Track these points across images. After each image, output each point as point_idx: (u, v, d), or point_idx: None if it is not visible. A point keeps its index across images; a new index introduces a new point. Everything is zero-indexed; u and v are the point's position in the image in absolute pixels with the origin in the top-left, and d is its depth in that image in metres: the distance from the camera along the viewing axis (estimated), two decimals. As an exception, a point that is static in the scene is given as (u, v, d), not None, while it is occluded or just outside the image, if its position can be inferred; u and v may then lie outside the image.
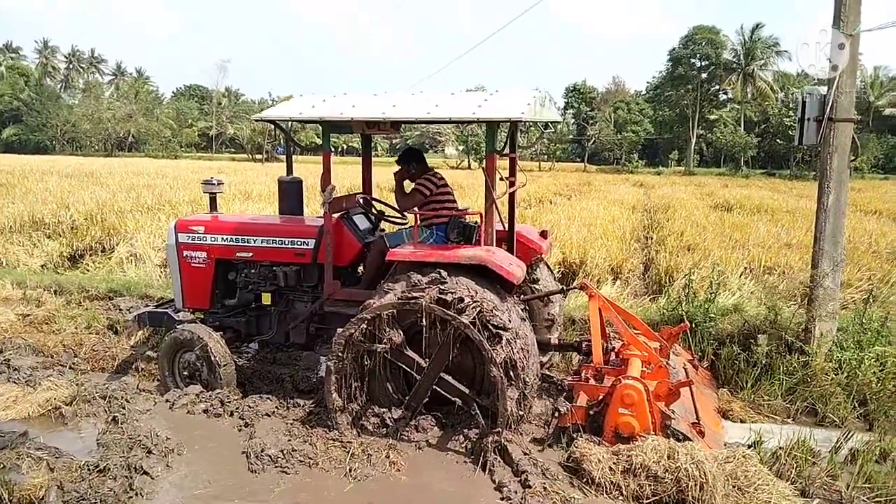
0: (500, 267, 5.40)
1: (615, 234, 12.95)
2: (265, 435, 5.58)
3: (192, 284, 6.99)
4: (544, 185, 30.51)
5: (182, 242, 6.96)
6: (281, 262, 6.59)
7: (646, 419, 5.18)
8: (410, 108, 5.78)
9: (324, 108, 5.92)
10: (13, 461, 4.85)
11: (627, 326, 6.21)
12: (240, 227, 6.86)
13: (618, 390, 5.25)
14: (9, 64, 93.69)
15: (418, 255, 5.58)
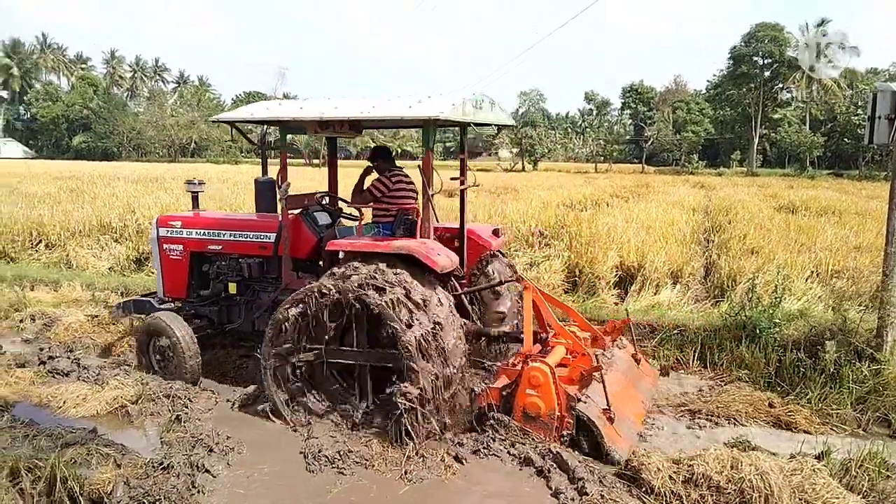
0: (426, 256, 5.66)
1: (675, 237, 12.65)
2: (322, 435, 5.65)
3: (171, 275, 7.54)
4: (600, 186, 30.09)
5: (162, 236, 7.52)
6: (247, 254, 7.03)
7: (551, 400, 5.43)
8: (349, 109, 6.01)
9: (275, 110, 6.38)
10: (83, 457, 5.01)
11: (563, 318, 6.62)
12: (211, 222, 7.36)
13: (525, 372, 5.52)
14: (79, 74, 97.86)
15: (354, 246, 5.94)
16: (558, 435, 5.48)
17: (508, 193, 23.84)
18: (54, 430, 5.59)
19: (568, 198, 22.16)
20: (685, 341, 8.06)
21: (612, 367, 6.20)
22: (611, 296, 9.82)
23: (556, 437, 5.48)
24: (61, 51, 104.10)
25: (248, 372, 7.34)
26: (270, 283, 6.97)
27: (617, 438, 5.43)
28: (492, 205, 18.12)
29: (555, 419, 5.47)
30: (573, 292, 10.04)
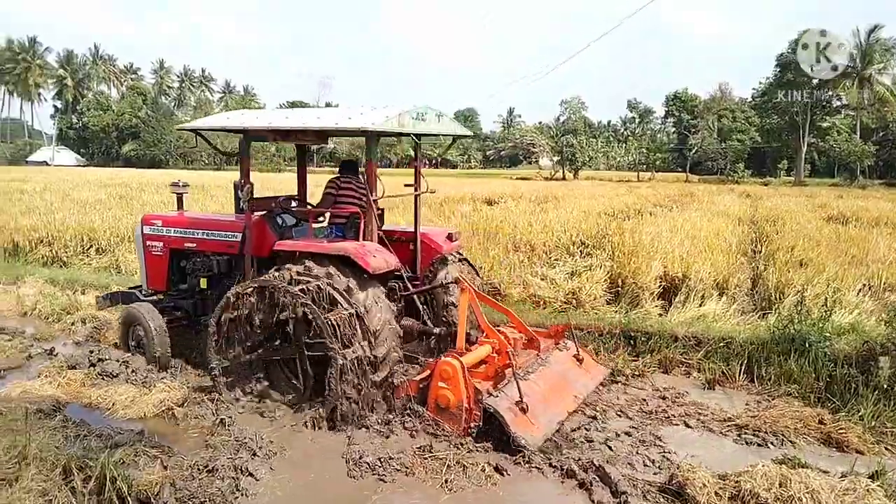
0: (360, 257, 6.09)
1: (720, 248, 12.40)
2: (363, 442, 5.68)
3: (153, 269, 8.22)
4: (643, 195, 29.74)
5: (146, 234, 8.19)
6: (217, 252, 7.57)
7: (460, 393, 5.76)
8: (297, 120, 6.52)
9: (234, 120, 6.94)
10: (131, 458, 5.13)
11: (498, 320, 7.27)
12: (187, 221, 7.92)
13: (438, 366, 5.89)
14: (129, 84, 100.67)
15: (296, 246, 6.47)
16: (466, 426, 5.77)
17: (549, 202, 23.71)
18: (104, 430, 5.75)
19: (610, 207, 21.95)
20: (731, 354, 7.89)
21: (545, 366, 6.67)
22: (654, 307, 9.66)
23: (465, 428, 5.77)
24: (112, 61, 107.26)
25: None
26: (236, 278, 7.25)
27: (528, 426, 5.69)
28: (532, 213, 18.06)
29: (463, 411, 5.76)
30: (615, 303, 9.92)
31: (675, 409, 6.77)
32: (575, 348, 7.28)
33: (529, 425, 5.72)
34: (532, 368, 6.51)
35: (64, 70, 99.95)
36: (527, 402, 5.75)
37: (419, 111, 6.62)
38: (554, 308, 9.62)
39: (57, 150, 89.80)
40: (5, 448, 4.95)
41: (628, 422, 6.43)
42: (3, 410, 6.02)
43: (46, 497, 4.41)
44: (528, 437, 5.60)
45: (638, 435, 6.10)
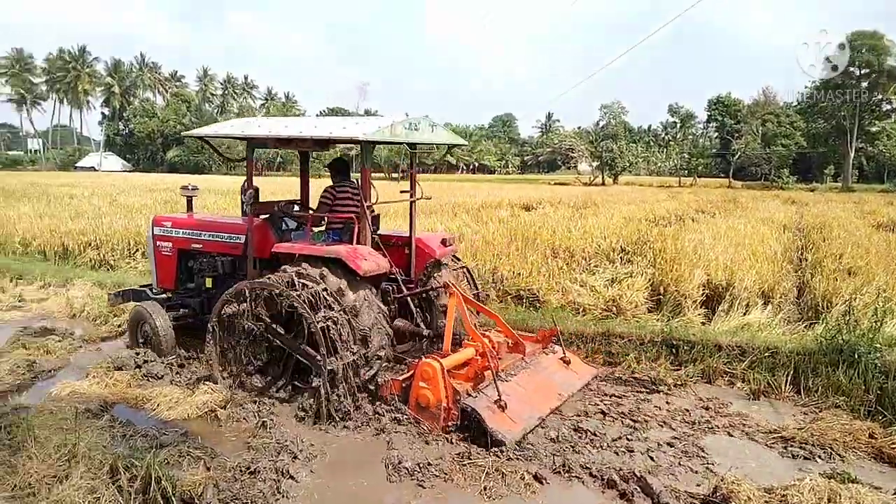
0: (352, 260, 6.38)
1: (765, 255, 12.14)
2: (402, 447, 5.70)
3: (163, 269, 8.60)
4: (685, 201, 29.32)
5: (156, 234, 8.57)
6: (221, 252, 7.90)
7: (439, 393, 5.98)
8: (294, 128, 6.90)
9: (237, 128, 7.34)
10: (175, 458, 5.22)
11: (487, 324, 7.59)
12: (195, 223, 8.28)
13: (419, 367, 6.11)
14: (173, 91, 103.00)
15: (292, 249, 6.78)
16: (445, 424, 5.97)
17: (588, 208, 23.53)
18: (149, 431, 5.86)
19: (650, 213, 21.69)
20: (777, 365, 7.70)
21: (530, 368, 6.94)
22: (697, 315, 9.50)
23: (443, 427, 5.96)
24: (157, 69, 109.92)
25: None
26: (240, 278, 7.42)
27: (505, 423, 5.87)
28: (571, 219, 17.93)
29: (442, 410, 5.97)
30: (657, 311, 9.77)
31: (719, 420, 6.64)
32: (562, 351, 7.50)
33: (507, 422, 5.91)
34: (515, 370, 6.77)
35: (112, 78, 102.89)
36: (505, 401, 5.98)
37: (412, 122, 6.90)
38: (594, 315, 9.52)
39: (104, 156, 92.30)
40: (56, 446, 5.10)
41: (670, 432, 6.33)
42: (54, 410, 6.20)
43: (95, 495, 4.51)
44: (504, 433, 5.76)
45: (680, 445, 5.99)
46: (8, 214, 18.16)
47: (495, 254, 11.87)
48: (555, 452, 5.66)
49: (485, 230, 15.16)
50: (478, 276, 10.94)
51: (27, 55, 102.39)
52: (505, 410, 5.96)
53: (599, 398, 7.12)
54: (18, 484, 4.69)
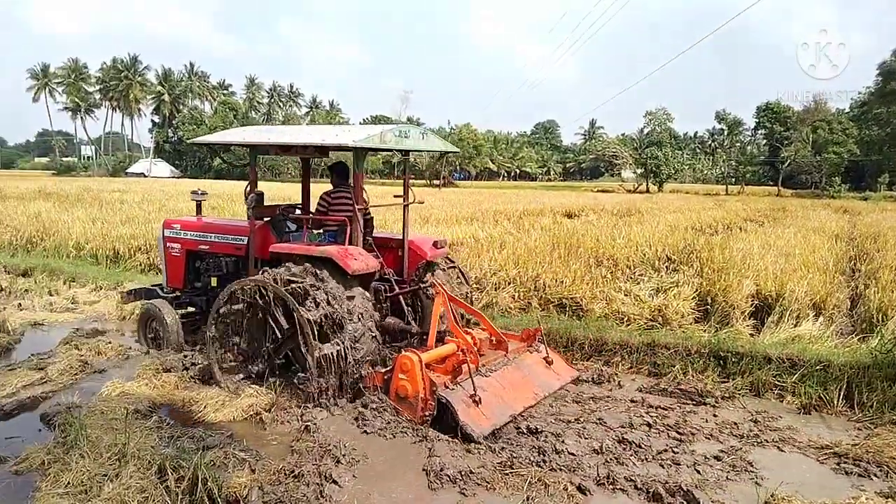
0: (342, 260, 6.75)
1: (816, 265, 11.81)
2: (444, 454, 5.68)
3: (172, 269, 9.02)
4: (732, 209, 28.73)
5: (166, 236, 9.01)
6: (226, 253, 8.33)
7: (417, 384, 6.30)
8: (289, 136, 7.53)
9: (239, 135, 8.03)
10: (221, 460, 5.29)
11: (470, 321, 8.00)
12: (202, 225, 8.73)
13: (398, 360, 6.47)
14: (221, 100, 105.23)
15: (289, 249, 7.20)
16: (422, 414, 6.26)
17: (633, 215, 23.24)
18: (196, 432, 5.96)
19: (697, 221, 21.31)
20: (829, 378, 7.46)
21: (510, 365, 7.19)
22: (745, 326, 9.27)
23: (420, 417, 6.26)
24: (206, 78, 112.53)
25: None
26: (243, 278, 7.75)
27: (478, 418, 6.15)
28: (615, 227, 17.72)
29: (419, 401, 6.28)
30: (704, 321, 9.58)
31: (768, 434, 6.46)
32: (545, 351, 7.69)
33: (479, 417, 6.19)
34: (495, 367, 7.04)
35: (162, 86, 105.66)
36: (480, 396, 6.29)
37: (402, 129, 7.31)
38: (638, 325, 9.38)
39: (154, 163, 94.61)
40: (107, 445, 5.23)
41: (718, 445, 6.17)
42: (104, 410, 6.35)
43: (144, 494, 4.60)
44: (475, 427, 6.03)
45: (728, 459, 5.84)
46: (63, 219, 18.74)
47: (538, 262, 11.79)
48: (599, 464, 5.58)
49: (527, 238, 15.09)
50: (520, 283, 10.93)
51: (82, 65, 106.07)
52: (479, 405, 6.26)
53: (645, 409, 7.00)
54: (72, 481, 4.81)
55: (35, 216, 19.53)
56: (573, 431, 6.26)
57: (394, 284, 7.77)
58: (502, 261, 12.09)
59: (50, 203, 24.72)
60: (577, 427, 6.37)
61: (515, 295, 10.67)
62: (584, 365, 8.44)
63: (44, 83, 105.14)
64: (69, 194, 30.62)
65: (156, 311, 8.56)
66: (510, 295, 10.68)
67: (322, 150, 7.48)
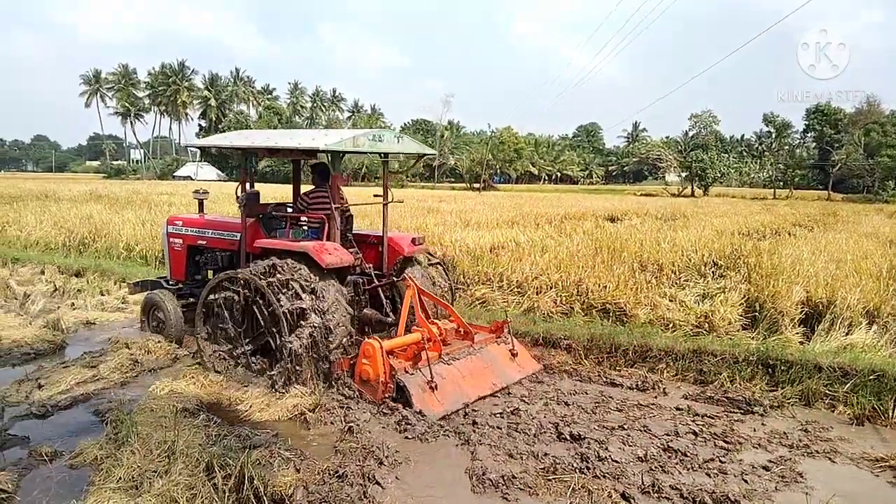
0: (316, 254, 7.19)
1: (869, 272, 11.44)
2: (486, 458, 5.67)
3: (175, 262, 9.58)
4: (781, 214, 28.08)
5: (169, 232, 9.57)
6: (222, 248, 8.86)
7: (378, 368, 6.79)
8: (275, 139, 8.08)
9: (228, 139, 8.57)
10: (266, 459, 5.37)
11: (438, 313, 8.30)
12: (201, 222, 9.28)
13: (362, 346, 6.96)
14: (266, 104, 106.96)
15: (271, 244, 7.72)
16: (382, 396, 6.76)
17: (677, 220, 22.90)
18: (242, 431, 6.05)
19: (744, 225, 20.88)
20: (883, 389, 7.21)
21: (473, 355, 7.64)
22: (795, 334, 9.03)
23: (381, 397, 6.76)
24: (251, 83, 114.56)
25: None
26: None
27: (432, 402, 6.67)
28: (659, 231, 17.47)
29: (380, 384, 6.77)
30: (751, 328, 9.36)
31: (819, 445, 6.29)
32: (512, 343, 8.13)
33: (434, 402, 6.69)
34: (458, 356, 7.49)
35: (208, 91, 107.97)
36: (437, 383, 6.79)
37: (375, 133, 7.80)
38: (684, 332, 9.22)
39: (200, 166, 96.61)
40: (157, 442, 5.35)
41: (766, 455, 6.03)
42: (154, 407, 6.50)
43: (192, 491, 4.69)
44: (428, 411, 6.53)
45: (777, 470, 5.70)
46: (114, 221, 19.25)
47: (580, 266, 11.69)
48: (643, 471, 5.51)
49: (569, 242, 14.97)
50: (562, 287, 10.85)
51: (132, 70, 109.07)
52: (435, 391, 6.76)
53: (690, 417, 6.88)
54: (123, 476, 4.94)
55: (87, 218, 20.12)
56: (617, 438, 6.20)
57: (373, 278, 8.29)
58: (544, 265, 12.01)
59: (101, 205, 25.44)
60: (621, 434, 6.30)
61: (557, 300, 10.60)
62: (628, 371, 8.35)
63: (95, 88, 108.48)
64: (119, 197, 31.46)
65: (158, 301, 9.17)
66: (552, 299, 10.61)
67: (309, 153, 7.98)
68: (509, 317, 8.74)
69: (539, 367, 8.26)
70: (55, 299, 11.92)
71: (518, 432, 6.27)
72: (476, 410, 6.83)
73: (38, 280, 13.63)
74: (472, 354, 7.64)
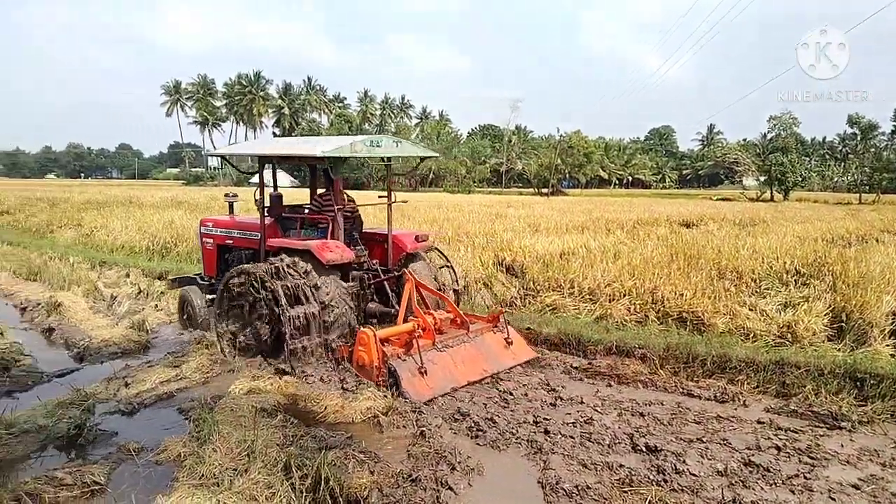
0: (319, 252, 7.96)
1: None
2: (559, 467, 5.60)
3: (207, 260, 10.42)
4: (867, 219, 26.72)
5: (202, 232, 10.46)
6: (246, 247, 9.53)
7: (372, 354, 7.39)
8: (285, 148, 8.88)
9: (243, 147, 9.82)
10: (342, 460, 5.44)
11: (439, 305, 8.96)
12: (228, 223, 10.04)
13: (358, 334, 7.62)
14: (336, 112, 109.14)
15: (280, 243, 8.58)
16: (377, 379, 7.31)
17: (756, 225, 22.13)
18: (317, 432, 6.16)
19: (828, 232, 19.99)
20: None
21: (467, 343, 8.15)
22: (886, 346, 8.56)
23: (376, 380, 7.31)
24: (323, 91, 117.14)
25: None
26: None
27: (420, 387, 7.19)
28: (738, 237, 16.92)
29: (374, 368, 7.36)
30: (838, 339, 8.93)
31: (916, 465, 5.93)
32: (507, 332, 8.60)
33: (423, 385, 7.22)
34: (452, 344, 7.99)
35: (282, 100, 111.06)
36: (426, 368, 7.34)
37: (373, 139, 8.23)
38: (765, 342, 8.88)
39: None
40: (237, 441, 5.50)
41: (856, 473, 5.73)
42: (234, 407, 6.69)
43: (271, 490, 4.81)
44: (414, 394, 7.04)
45: (868, 489, 5.40)
46: (194, 226, 19.92)
47: (655, 273, 11.43)
48: (723, 486, 5.32)
49: (642, 248, 14.67)
50: (635, 295, 10.64)
51: (210, 80, 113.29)
52: (424, 376, 7.29)
53: (773, 431, 6.59)
54: (205, 473, 5.11)
55: (169, 223, 20.96)
56: (695, 451, 6.01)
57: (379, 273, 8.95)
58: (617, 271, 11.80)
59: (182, 211, 26.46)
60: (699, 447, 6.10)
61: (631, 307, 10.39)
62: (706, 382, 8.07)
63: (175, 99, 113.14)
64: (198, 203, 32.68)
65: (188, 296, 10.07)
66: (625, 307, 10.41)
67: (308, 159, 8.70)
68: (580, 324, 8.96)
69: (535, 355, 8.75)
70: (140, 301, 12.46)
71: (591, 442, 6.17)
72: (548, 419, 6.74)
73: (124, 282, 14.26)
74: (466, 342, 8.14)
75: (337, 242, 8.32)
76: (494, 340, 8.47)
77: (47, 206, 31.93)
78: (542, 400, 7.37)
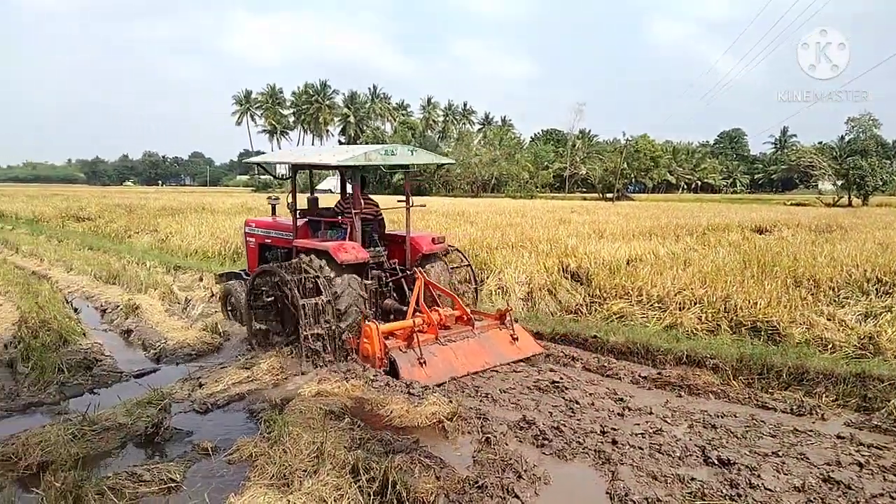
0: (335, 252, 8.45)
1: None
2: (628, 478, 5.49)
3: (250, 257, 11.23)
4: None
5: (246, 232, 11.39)
6: (282, 245, 10.19)
7: (375, 346, 8.02)
8: (310, 156, 9.39)
9: (271, 156, 10.69)
10: (407, 465, 5.47)
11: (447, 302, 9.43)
12: (268, 224, 10.84)
13: (363, 328, 8.18)
14: (400, 119, 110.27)
15: (303, 244, 9.14)
16: (380, 367, 7.93)
17: (834, 231, 21.22)
18: (384, 436, 6.21)
19: (913, 239, 18.98)
20: None
21: (471, 338, 8.73)
22: (978, 360, 8.10)
23: (379, 368, 7.92)
24: (387, 99, 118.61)
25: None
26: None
27: (419, 375, 7.81)
28: (814, 244, 16.28)
29: (377, 358, 8.00)
30: (925, 351, 8.48)
31: None
32: (513, 329, 9.06)
33: (421, 375, 7.83)
34: (455, 338, 8.60)
35: (348, 109, 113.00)
36: (426, 359, 8.00)
37: (387, 148, 8.69)
38: (844, 353, 8.51)
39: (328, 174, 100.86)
40: (306, 443, 5.61)
41: (948, 494, 5.41)
42: (303, 409, 6.82)
43: (339, 491, 4.88)
44: (414, 382, 7.57)
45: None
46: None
47: (727, 281, 11.10)
48: (801, 502, 5.12)
49: (713, 254, 14.27)
50: (707, 304, 10.36)
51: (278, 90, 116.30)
52: (423, 367, 7.93)
53: (854, 447, 6.29)
54: (276, 474, 5.23)
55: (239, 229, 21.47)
56: (770, 465, 5.79)
57: (396, 271, 9.53)
58: (687, 279, 11.52)
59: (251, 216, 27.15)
60: (774, 461, 5.88)
61: (703, 316, 10.12)
62: (782, 395, 7.78)
63: (246, 108, 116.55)
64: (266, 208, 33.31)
65: (232, 290, 10.77)
66: (696, 316, 10.15)
67: (328, 167, 9.04)
68: (649, 333, 9.04)
69: (541, 350, 9.19)
70: (212, 304, 12.84)
71: (661, 454, 6.02)
72: (616, 429, 6.61)
73: (197, 286, 14.73)
74: (470, 338, 8.72)
75: (353, 244, 8.82)
76: (498, 336, 8.97)
77: (125, 212, 33.30)
78: (609, 409, 7.25)
